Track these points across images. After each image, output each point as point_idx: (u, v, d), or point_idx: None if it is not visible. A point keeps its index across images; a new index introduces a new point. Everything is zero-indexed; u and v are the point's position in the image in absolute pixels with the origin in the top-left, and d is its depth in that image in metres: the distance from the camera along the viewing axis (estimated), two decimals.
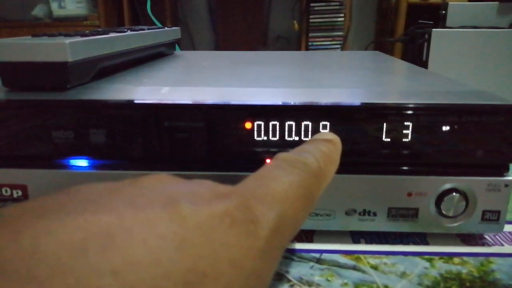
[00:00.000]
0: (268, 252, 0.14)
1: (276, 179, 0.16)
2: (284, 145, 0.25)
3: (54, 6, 1.80)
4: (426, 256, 0.25)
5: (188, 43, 2.07)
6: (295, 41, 1.99)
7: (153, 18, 1.47)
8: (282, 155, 0.18)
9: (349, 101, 0.24)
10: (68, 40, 0.26)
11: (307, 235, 0.27)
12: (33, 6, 1.87)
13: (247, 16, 2.05)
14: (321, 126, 0.24)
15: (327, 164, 0.19)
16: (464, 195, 0.25)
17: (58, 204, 0.12)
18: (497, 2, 1.39)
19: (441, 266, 0.24)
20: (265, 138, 0.25)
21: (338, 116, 0.24)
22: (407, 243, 0.26)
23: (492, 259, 0.25)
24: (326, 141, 0.20)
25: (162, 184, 0.15)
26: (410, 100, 0.24)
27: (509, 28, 1.36)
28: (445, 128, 0.24)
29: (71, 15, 1.81)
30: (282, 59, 0.47)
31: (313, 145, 0.19)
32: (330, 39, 1.78)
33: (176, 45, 0.53)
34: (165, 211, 0.12)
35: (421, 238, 0.27)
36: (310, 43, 1.80)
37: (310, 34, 1.79)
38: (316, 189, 0.17)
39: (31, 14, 1.85)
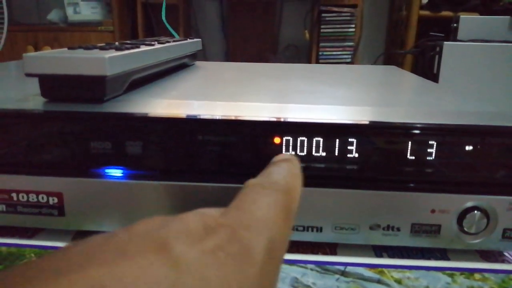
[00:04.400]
0: (265, 277, 0.14)
1: (255, 204, 0.17)
2: (311, 160, 0.26)
3: (69, 11, 1.83)
4: (448, 272, 0.26)
5: (200, 50, 2.09)
6: (305, 51, 2.00)
7: (167, 25, 1.49)
8: (251, 181, 0.19)
9: (375, 119, 0.25)
10: (107, 55, 0.27)
11: (330, 248, 0.28)
12: (49, 10, 1.90)
13: (258, 25, 2.07)
14: (348, 142, 0.25)
15: (293, 180, 0.20)
16: (485, 213, 0.26)
17: (50, 264, 0.12)
18: (508, 16, 1.40)
19: (462, 282, 0.25)
20: (293, 153, 0.26)
21: (364, 134, 0.25)
22: (428, 258, 0.27)
23: None
24: (285, 161, 0.22)
25: (152, 227, 0.15)
26: (434, 120, 0.25)
27: None
28: (468, 148, 0.25)
29: (86, 20, 1.83)
30: (302, 73, 0.48)
31: (275, 166, 0.21)
32: (340, 49, 1.79)
33: None
34: (157, 256, 0.12)
35: (442, 254, 0.28)
36: (320, 53, 1.81)
37: (321, 44, 1.81)
38: (290, 204, 0.19)
39: (46, 18, 1.88)
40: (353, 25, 1.76)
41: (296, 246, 0.28)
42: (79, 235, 0.29)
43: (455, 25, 1.44)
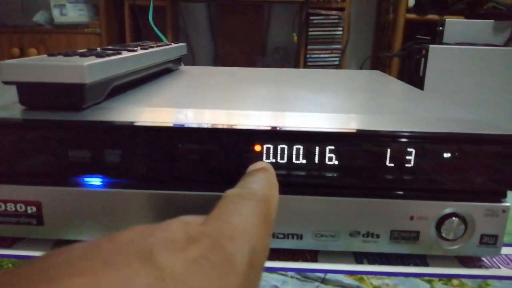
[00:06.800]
0: (247, 286, 0.15)
1: (235, 214, 0.17)
2: (292, 168, 0.26)
3: (55, 13, 1.81)
4: (426, 278, 0.26)
5: (188, 51, 2.09)
6: (294, 53, 2.00)
7: (154, 27, 1.48)
8: (230, 192, 0.19)
9: (354, 127, 0.25)
10: (86, 63, 0.27)
11: (311, 255, 0.28)
12: (34, 12, 1.87)
13: (247, 27, 2.07)
14: (327, 150, 0.25)
15: (270, 188, 0.21)
16: (463, 219, 0.26)
17: (34, 271, 0.12)
18: (492, 20, 1.42)
19: None
20: (273, 160, 0.26)
21: (343, 141, 0.25)
22: (407, 264, 0.27)
23: (489, 281, 0.26)
24: (261, 170, 0.22)
25: (136, 236, 0.15)
26: (413, 128, 0.25)
27: (504, 45, 1.39)
28: (446, 155, 0.25)
29: (73, 22, 1.82)
30: (287, 79, 0.48)
31: (252, 176, 0.21)
32: (328, 51, 1.80)
33: None
34: (141, 265, 0.13)
35: (421, 260, 0.28)
36: (308, 56, 1.82)
37: (309, 47, 1.81)
38: (269, 213, 0.19)
39: (32, 20, 1.86)
40: (341, 28, 1.77)
41: (276, 254, 0.28)
42: (59, 245, 0.29)
43: (440, 28, 1.46)
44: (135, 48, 0.38)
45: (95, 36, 1.77)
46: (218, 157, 0.26)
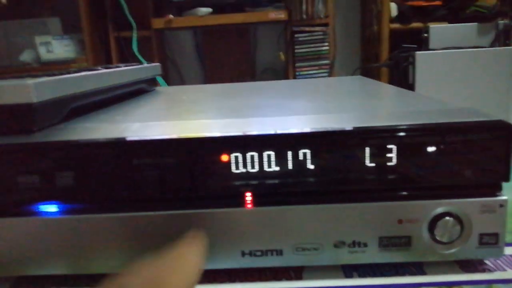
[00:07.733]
0: None
1: None
2: (264, 177, 0.23)
3: (41, 51, 1.81)
4: None
5: (177, 79, 2.09)
6: (282, 72, 2.00)
7: (139, 57, 1.48)
8: None
9: (331, 127, 0.23)
10: (32, 81, 0.25)
11: (295, 272, 0.25)
12: (21, 51, 1.88)
13: (234, 51, 2.08)
14: (301, 154, 0.23)
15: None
16: (458, 218, 0.23)
17: None
18: (476, 23, 1.42)
19: None
20: (244, 170, 0.23)
21: (319, 143, 0.23)
22: (402, 273, 0.25)
23: (494, 286, 0.23)
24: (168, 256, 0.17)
25: None
26: (393, 122, 0.23)
27: (489, 47, 1.38)
28: (432, 149, 0.23)
29: (59, 59, 1.81)
30: (264, 89, 0.46)
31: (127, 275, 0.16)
32: (316, 67, 1.80)
33: (164, 81, 0.52)
34: None
35: (417, 268, 0.25)
36: (297, 73, 1.81)
37: (297, 64, 1.81)
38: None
39: (19, 60, 1.86)
40: (327, 43, 1.77)
41: (257, 274, 0.25)
42: (19, 282, 0.26)
43: (425, 35, 1.46)
44: (98, 68, 0.36)
45: None
46: (183, 171, 0.23)
